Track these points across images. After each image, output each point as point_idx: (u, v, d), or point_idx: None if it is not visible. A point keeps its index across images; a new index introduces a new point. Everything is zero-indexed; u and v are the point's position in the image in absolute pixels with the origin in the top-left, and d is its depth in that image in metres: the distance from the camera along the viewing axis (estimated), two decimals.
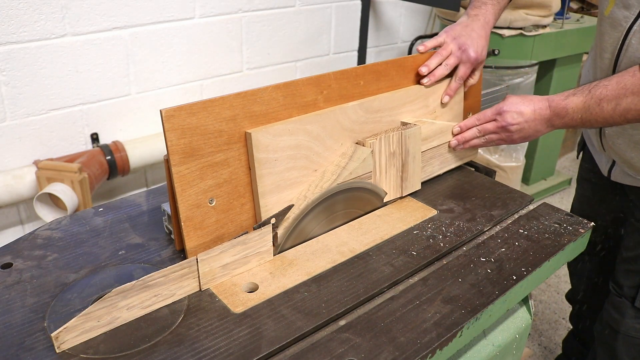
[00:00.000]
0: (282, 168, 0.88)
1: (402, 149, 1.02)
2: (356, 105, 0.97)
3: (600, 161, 1.27)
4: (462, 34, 1.11)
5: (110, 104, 1.89)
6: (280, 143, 0.86)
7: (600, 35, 1.10)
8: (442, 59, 1.10)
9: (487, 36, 1.14)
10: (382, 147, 0.99)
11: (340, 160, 0.96)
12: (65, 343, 0.70)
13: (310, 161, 0.92)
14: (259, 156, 0.84)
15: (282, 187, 0.89)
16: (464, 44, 1.10)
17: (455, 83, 1.13)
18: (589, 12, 3.09)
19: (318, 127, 0.92)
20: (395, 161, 1.03)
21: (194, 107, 0.79)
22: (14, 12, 1.59)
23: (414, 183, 1.08)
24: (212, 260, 0.81)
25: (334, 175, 0.94)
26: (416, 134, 1.04)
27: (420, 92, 1.09)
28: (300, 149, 0.90)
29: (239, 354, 0.69)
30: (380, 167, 1.01)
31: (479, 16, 1.14)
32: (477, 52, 1.11)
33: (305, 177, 0.92)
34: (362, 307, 0.80)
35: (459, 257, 0.92)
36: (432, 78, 1.09)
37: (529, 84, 2.36)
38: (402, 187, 1.06)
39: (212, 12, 2.02)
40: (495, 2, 1.17)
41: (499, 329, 0.99)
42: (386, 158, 1.01)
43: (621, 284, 1.26)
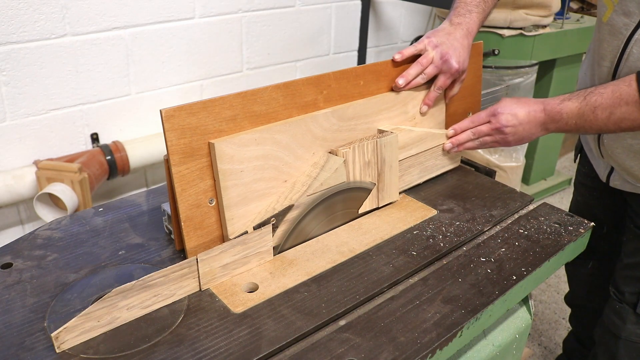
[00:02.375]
0: (249, 179, 0.84)
1: (377, 157, 0.98)
2: (328, 113, 0.93)
3: (598, 167, 1.26)
4: (444, 42, 1.06)
5: (110, 104, 1.89)
6: (247, 153, 0.83)
7: (599, 41, 1.07)
8: (421, 68, 1.05)
9: (469, 46, 1.09)
10: (355, 157, 0.95)
11: (312, 170, 0.92)
12: (65, 343, 0.70)
13: (280, 172, 0.88)
14: (224, 167, 0.80)
15: (250, 198, 0.85)
16: (446, 54, 1.05)
17: (434, 92, 1.09)
18: (589, 12, 3.09)
19: (287, 136, 0.88)
20: (370, 171, 0.98)
21: (194, 107, 0.79)
22: (14, 12, 1.59)
23: (391, 193, 1.04)
24: (212, 260, 0.81)
25: (304, 186, 0.89)
26: (392, 142, 1.00)
27: (398, 99, 1.05)
28: (268, 159, 0.86)
29: (239, 354, 0.69)
30: (354, 177, 0.96)
31: (462, 25, 1.08)
32: (459, 63, 1.06)
33: (275, 189, 0.88)
34: (362, 307, 0.80)
35: (459, 257, 0.92)
36: (408, 86, 1.05)
37: (529, 84, 2.36)
38: (378, 197, 1.02)
39: (212, 12, 2.02)
40: (480, 10, 1.11)
41: (499, 329, 0.99)
42: (361, 168, 0.97)
43: (622, 290, 1.25)
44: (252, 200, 0.85)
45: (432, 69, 1.06)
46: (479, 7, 1.10)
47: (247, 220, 0.85)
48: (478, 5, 1.10)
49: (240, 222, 0.85)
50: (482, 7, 1.11)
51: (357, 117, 0.98)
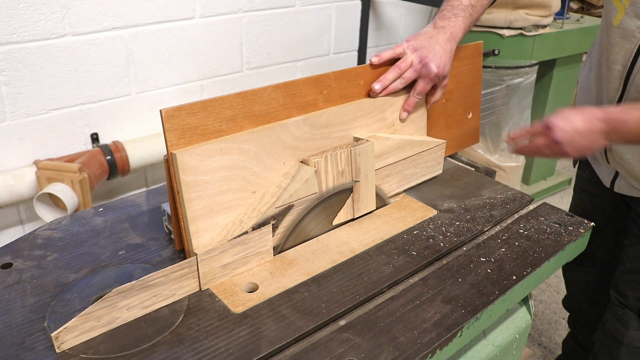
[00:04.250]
0: (215, 191, 0.80)
1: (352, 167, 0.94)
2: (300, 121, 0.89)
3: (601, 172, 1.25)
4: (424, 45, 1.01)
5: (110, 104, 1.89)
6: (211, 164, 0.79)
7: (609, 46, 1.05)
8: (400, 72, 1.01)
9: (452, 51, 1.04)
10: (328, 166, 0.91)
11: (282, 180, 0.88)
12: (65, 343, 0.70)
13: (248, 182, 0.85)
14: (186, 179, 0.77)
15: (215, 211, 0.81)
16: (426, 57, 1.00)
17: (414, 98, 1.05)
18: (589, 12, 3.09)
19: (255, 146, 0.84)
20: (344, 181, 0.95)
21: (194, 107, 0.79)
22: (14, 12, 1.59)
23: (367, 204, 1.00)
24: (212, 260, 0.81)
25: (273, 197, 0.86)
26: (368, 150, 0.95)
27: (375, 105, 1.01)
28: (235, 170, 0.82)
29: (239, 354, 0.69)
30: (327, 188, 0.92)
31: (446, 29, 1.04)
32: (439, 68, 1.01)
33: (243, 200, 0.85)
34: (362, 307, 0.80)
35: (459, 257, 0.92)
36: (385, 91, 1.01)
37: (529, 84, 2.36)
38: (353, 208, 0.99)
39: (212, 12, 2.02)
40: (467, 15, 1.06)
41: (499, 329, 0.99)
42: (334, 177, 0.93)
43: (626, 295, 1.24)
44: (218, 213, 0.82)
45: (411, 73, 1.02)
46: (465, 11, 1.06)
47: (214, 233, 0.82)
48: (465, 10, 1.06)
49: (206, 236, 0.81)
50: (470, 11, 1.06)
51: (331, 124, 0.94)
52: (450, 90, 1.18)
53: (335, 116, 0.95)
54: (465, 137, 1.28)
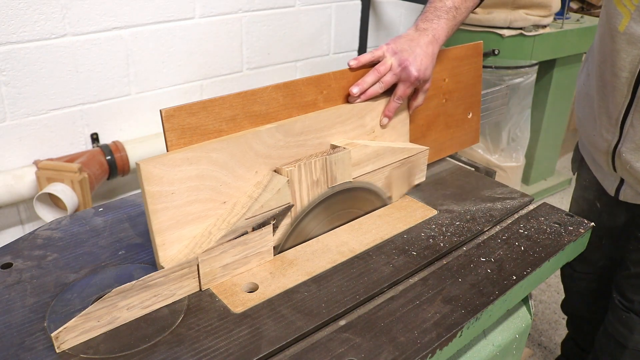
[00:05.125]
0: (182, 201, 0.77)
1: (327, 176, 0.91)
2: (273, 129, 0.86)
3: (604, 180, 1.22)
4: (404, 48, 0.98)
5: (110, 104, 1.89)
6: (178, 174, 0.76)
7: (614, 52, 1.02)
8: (378, 76, 0.98)
9: (434, 54, 1.01)
10: (302, 175, 0.87)
11: (254, 190, 0.85)
12: (65, 343, 0.70)
13: (218, 192, 0.81)
14: (151, 189, 0.74)
15: (183, 222, 0.79)
16: (406, 61, 0.97)
17: (394, 103, 1.01)
18: (589, 12, 3.09)
19: (225, 155, 0.81)
20: (319, 190, 0.92)
21: (194, 107, 0.79)
22: (14, 12, 1.59)
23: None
24: (213, 260, 0.80)
25: (244, 208, 0.82)
26: (344, 159, 0.92)
27: (353, 111, 0.98)
28: (204, 180, 0.79)
29: (239, 354, 0.69)
30: (301, 198, 0.89)
31: (428, 31, 1.00)
32: (419, 71, 0.97)
33: (212, 211, 0.82)
34: (362, 307, 0.80)
35: (459, 257, 0.92)
36: (363, 96, 0.98)
37: (529, 84, 2.36)
38: None
39: (212, 12, 2.02)
40: (451, 17, 1.03)
41: (499, 329, 0.99)
42: (308, 187, 0.89)
43: (631, 299, 1.23)
44: (186, 224, 0.79)
45: (391, 77, 0.98)
46: (449, 13, 1.03)
47: (181, 245, 0.79)
48: (448, 12, 1.03)
49: (174, 248, 0.78)
50: (453, 13, 1.03)
51: (307, 132, 0.91)
52: (450, 90, 1.18)
53: (311, 123, 0.91)
54: (465, 137, 1.28)
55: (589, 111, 1.19)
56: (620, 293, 1.27)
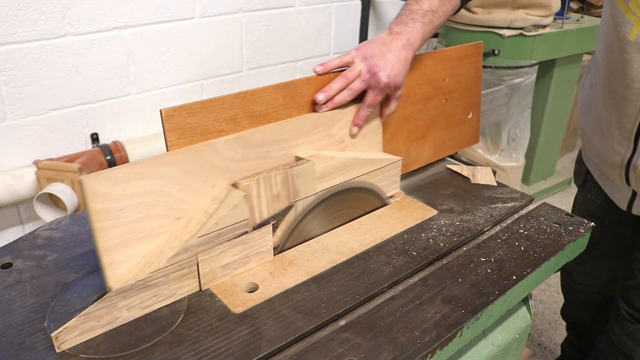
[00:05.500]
0: (131, 218, 0.73)
1: (289, 190, 0.86)
2: (231, 141, 0.81)
3: (615, 194, 1.18)
4: (375, 53, 0.93)
5: (110, 104, 1.89)
6: (126, 190, 0.71)
7: (625, 62, 0.98)
8: (346, 82, 0.93)
9: (407, 60, 0.96)
10: (261, 190, 0.82)
11: (210, 206, 0.80)
12: (65, 343, 0.70)
13: (171, 208, 0.76)
14: (97, 207, 0.69)
15: (133, 240, 0.74)
16: (375, 66, 0.92)
17: (364, 111, 0.96)
18: (589, 12, 3.10)
19: (178, 169, 0.76)
20: (280, 205, 0.87)
21: (194, 107, 0.79)
22: (14, 12, 1.59)
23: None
24: (213, 260, 0.81)
25: (198, 225, 0.78)
26: (307, 171, 0.87)
27: (320, 120, 0.93)
28: (154, 195, 0.74)
29: (239, 354, 0.69)
30: (260, 213, 0.84)
31: (401, 35, 0.95)
32: (389, 77, 0.93)
33: (165, 227, 0.77)
34: (362, 307, 0.80)
35: (459, 257, 0.92)
36: (330, 104, 0.93)
37: (529, 84, 2.36)
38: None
39: (212, 12, 2.02)
40: (427, 21, 0.98)
41: (499, 329, 0.99)
42: (268, 202, 0.84)
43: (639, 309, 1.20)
44: (136, 242, 0.74)
45: (359, 83, 0.93)
46: (425, 17, 0.97)
47: (131, 264, 0.74)
48: (424, 15, 0.97)
49: (123, 267, 0.74)
50: (430, 17, 0.98)
51: (268, 143, 0.86)
52: (450, 90, 1.18)
53: (273, 134, 0.86)
54: (465, 137, 1.28)
55: (595, 124, 1.15)
56: (628, 303, 1.23)
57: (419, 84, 1.11)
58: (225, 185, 0.82)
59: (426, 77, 1.12)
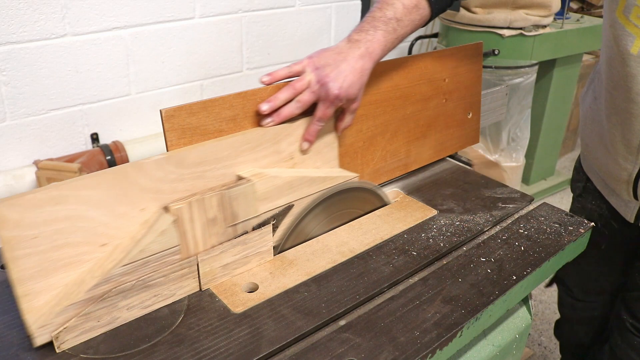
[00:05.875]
0: (48, 246, 0.67)
1: (226, 214, 0.80)
2: (161, 160, 0.74)
3: (620, 206, 1.12)
4: (328, 63, 0.87)
5: (110, 104, 1.89)
6: (41, 216, 0.66)
7: (629, 76, 0.93)
8: (294, 93, 0.86)
9: (364, 70, 0.89)
10: (194, 213, 0.76)
11: (139, 231, 0.74)
12: (65, 343, 0.70)
13: (94, 234, 0.71)
14: (7, 234, 0.64)
15: (51, 269, 0.68)
16: (326, 77, 0.85)
17: (314, 125, 0.89)
18: (589, 12, 3.10)
19: (99, 192, 0.70)
20: (217, 229, 0.80)
21: (194, 107, 0.79)
22: (14, 12, 1.59)
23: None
24: (213, 260, 0.81)
25: (122, 253, 0.72)
26: (247, 192, 0.80)
27: (266, 136, 0.86)
28: (74, 221, 0.69)
29: (239, 354, 0.69)
30: (195, 240, 0.78)
31: (360, 43, 0.89)
32: (340, 89, 0.86)
33: (88, 254, 0.71)
34: (362, 307, 0.80)
35: (459, 257, 0.92)
36: (277, 118, 0.85)
37: (529, 84, 2.36)
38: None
39: (212, 12, 2.02)
40: (390, 29, 0.91)
41: (499, 329, 0.99)
42: (203, 227, 0.78)
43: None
44: (54, 271, 0.69)
45: (308, 95, 0.86)
46: (388, 24, 0.91)
47: (50, 295, 0.69)
48: (387, 23, 0.91)
49: (40, 299, 0.68)
50: (393, 25, 0.91)
51: (206, 162, 0.79)
52: (450, 90, 1.18)
53: (210, 152, 0.79)
54: (465, 137, 1.28)
55: (597, 138, 1.10)
56: (633, 315, 1.18)
57: (419, 84, 1.11)
58: (157, 208, 0.75)
59: (426, 77, 1.12)
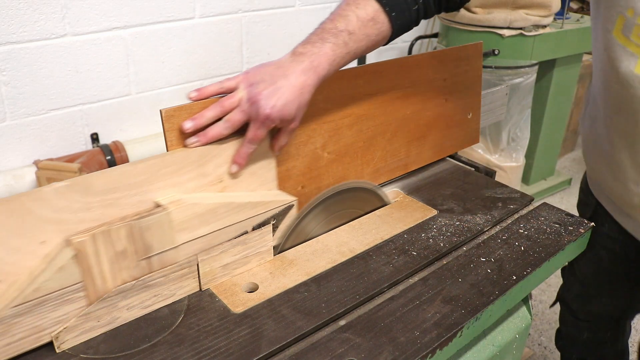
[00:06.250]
0: None
1: (137, 246, 0.71)
2: (63, 188, 0.66)
3: (636, 228, 1.04)
4: (264, 79, 0.78)
5: (110, 104, 1.89)
6: None
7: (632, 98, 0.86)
8: (222, 111, 0.78)
9: (305, 87, 0.79)
10: (100, 247, 0.68)
11: (39, 265, 0.67)
12: (65, 343, 0.70)
13: None
14: None
15: None
16: (258, 95, 0.76)
17: (244, 147, 0.80)
18: (589, 12, 3.09)
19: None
20: (128, 264, 0.72)
21: (194, 107, 0.79)
22: (14, 12, 1.59)
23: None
24: (213, 260, 0.81)
25: (16, 291, 0.65)
26: (162, 222, 0.72)
27: (190, 157, 0.77)
28: None
29: (239, 354, 0.69)
30: (103, 275, 0.70)
31: (304, 56, 0.80)
32: (272, 108, 0.76)
33: None
34: (362, 307, 0.80)
35: (459, 257, 0.92)
36: (203, 139, 0.77)
37: (529, 84, 2.36)
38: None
39: (212, 12, 2.02)
40: (340, 42, 0.81)
41: (499, 329, 0.99)
42: (111, 261, 0.70)
43: None
44: None
45: (238, 114, 0.78)
46: (338, 37, 0.81)
47: None
48: (337, 35, 0.81)
49: None
50: (344, 39, 0.81)
51: (117, 188, 0.71)
52: (450, 90, 1.18)
53: (122, 178, 0.71)
54: (465, 137, 1.28)
55: (604, 162, 1.04)
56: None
57: (419, 83, 1.11)
58: (60, 240, 0.67)
59: (426, 77, 1.12)
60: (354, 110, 1.01)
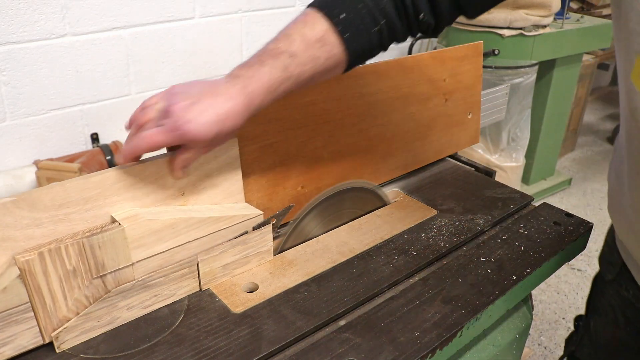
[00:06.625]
0: None
1: (89, 264, 0.68)
2: (8, 204, 0.62)
3: None
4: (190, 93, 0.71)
5: (110, 104, 1.89)
6: None
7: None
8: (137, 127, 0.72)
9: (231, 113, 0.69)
10: (48, 266, 0.64)
11: None
12: (65, 343, 0.70)
13: None
14: None
15: None
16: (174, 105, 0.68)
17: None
18: (589, 12, 3.10)
19: None
20: (79, 282, 0.68)
21: None
22: (14, 12, 1.59)
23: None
24: (213, 260, 0.81)
25: None
26: (115, 239, 0.68)
27: (146, 170, 0.73)
28: None
29: (239, 354, 0.69)
30: (53, 295, 0.66)
31: (238, 80, 0.73)
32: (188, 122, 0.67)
33: None
34: (362, 307, 0.80)
35: (459, 257, 0.92)
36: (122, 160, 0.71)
37: (529, 84, 2.36)
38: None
39: (212, 12, 2.02)
40: (279, 65, 0.71)
41: (499, 329, 0.99)
42: (62, 279, 0.66)
43: None
44: None
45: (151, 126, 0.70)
46: (277, 59, 0.72)
47: None
48: (277, 57, 0.72)
49: None
50: (285, 62, 0.72)
51: (69, 203, 0.67)
52: (450, 90, 1.18)
53: (72, 192, 0.67)
54: (465, 137, 1.28)
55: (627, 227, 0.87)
56: None
57: (419, 84, 1.11)
58: (8, 257, 0.64)
59: (426, 77, 1.12)
60: (354, 110, 1.01)
